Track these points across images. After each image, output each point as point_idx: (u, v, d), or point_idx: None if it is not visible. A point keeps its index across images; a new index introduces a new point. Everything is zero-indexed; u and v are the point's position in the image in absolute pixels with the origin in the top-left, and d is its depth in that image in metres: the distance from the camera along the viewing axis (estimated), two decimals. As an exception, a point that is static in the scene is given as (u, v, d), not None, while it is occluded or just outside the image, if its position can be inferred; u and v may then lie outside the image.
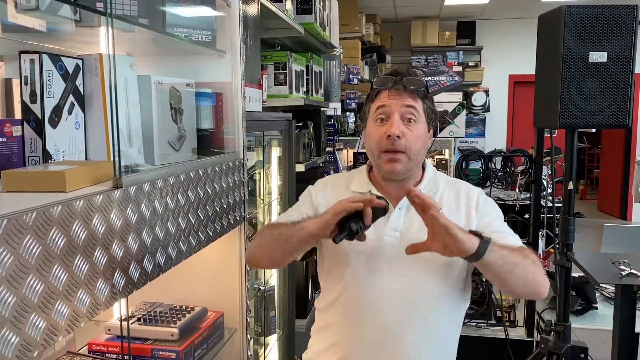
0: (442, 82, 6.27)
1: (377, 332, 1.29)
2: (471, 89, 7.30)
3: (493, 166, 2.60)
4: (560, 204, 1.99)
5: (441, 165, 6.20)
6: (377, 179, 1.38)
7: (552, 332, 1.94)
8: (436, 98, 6.89)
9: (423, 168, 1.40)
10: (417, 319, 1.29)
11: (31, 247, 0.81)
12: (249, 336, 1.83)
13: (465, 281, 1.36)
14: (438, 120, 1.38)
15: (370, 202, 1.13)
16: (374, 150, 1.31)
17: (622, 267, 1.79)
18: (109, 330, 1.56)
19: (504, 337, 2.50)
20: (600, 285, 2.59)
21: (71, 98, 1.20)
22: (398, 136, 1.25)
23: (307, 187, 1.47)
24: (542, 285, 1.22)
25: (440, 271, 1.29)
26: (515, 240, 1.30)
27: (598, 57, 1.68)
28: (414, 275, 1.27)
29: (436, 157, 6.29)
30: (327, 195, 1.39)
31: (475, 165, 2.77)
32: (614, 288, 2.60)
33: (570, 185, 1.84)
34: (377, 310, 1.29)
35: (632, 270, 1.78)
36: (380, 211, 1.17)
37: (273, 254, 1.34)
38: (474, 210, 1.32)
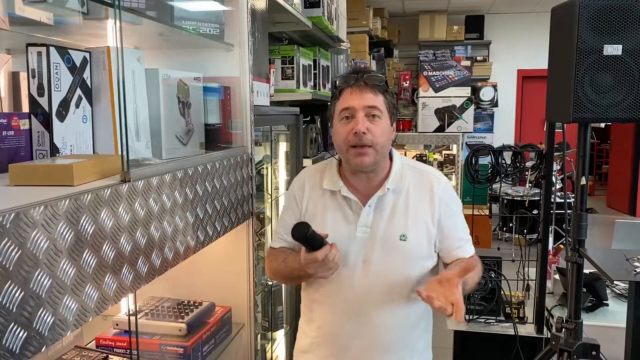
0: (450, 76, 6.23)
1: (354, 320, 1.41)
2: (479, 83, 7.24)
3: (503, 161, 2.56)
4: (570, 200, 1.96)
5: (449, 161, 6.15)
6: (345, 173, 1.47)
7: (563, 329, 1.92)
8: (444, 92, 6.79)
9: (391, 159, 1.48)
10: (389, 304, 1.40)
11: (39, 241, 0.80)
12: (256, 331, 1.83)
13: (435, 266, 1.47)
14: (398, 113, 1.47)
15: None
16: (342, 146, 1.40)
17: (636, 263, 1.76)
18: (117, 325, 1.56)
19: (513, 333, 2.48)
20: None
21: (79, 91, 1.18)
22: (364, 132, 1.35)
23: (290, 188, 1.57)
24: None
25: (411, 262, 1.41)
26: (469, 247, 1.48)
27: (613, 50, 1.65)
28: (386, 268, 1.40)
29: (444, 152, 6.24)
30: (306, 193, 1.50)
31: (485, 160, 2.74)
32: (625, 285, 2.57)
33: (583, 181, 1.81)
34: (354, 300, 1.40)
35: (646, 267, 1.75)
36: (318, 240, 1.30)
37: (291, 282, 1.54)
38: (438, 202, 1.44)
